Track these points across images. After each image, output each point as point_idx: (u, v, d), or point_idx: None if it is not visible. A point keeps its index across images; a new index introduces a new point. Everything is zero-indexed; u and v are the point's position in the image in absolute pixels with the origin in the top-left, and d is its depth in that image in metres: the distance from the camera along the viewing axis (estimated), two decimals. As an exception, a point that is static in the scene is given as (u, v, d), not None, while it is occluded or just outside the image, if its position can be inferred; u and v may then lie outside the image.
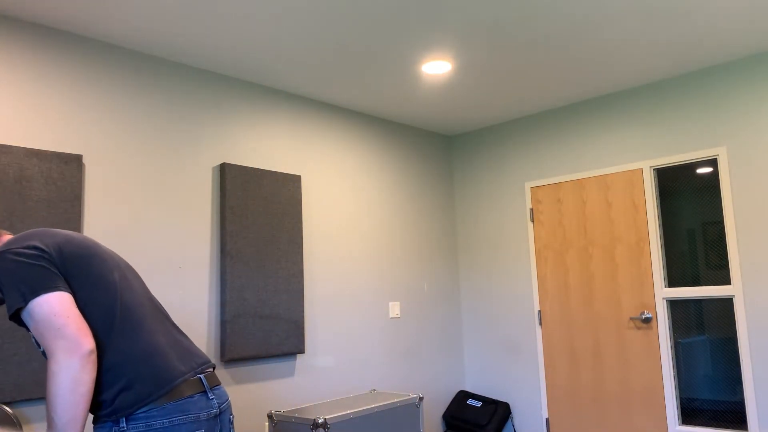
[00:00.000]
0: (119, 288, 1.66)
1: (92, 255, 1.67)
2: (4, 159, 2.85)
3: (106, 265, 1.68)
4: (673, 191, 4.20)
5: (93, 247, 1.70)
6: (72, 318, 1.51)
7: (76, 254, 1.64)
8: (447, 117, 4.90)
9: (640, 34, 3.47)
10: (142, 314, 1.67)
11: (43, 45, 3.09)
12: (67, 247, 1.64)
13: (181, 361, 1.65)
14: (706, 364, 4.01)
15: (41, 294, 1.51)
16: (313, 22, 3.18)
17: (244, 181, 3.75)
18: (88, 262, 1.64)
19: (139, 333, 1.62)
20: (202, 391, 1.63)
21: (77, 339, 1.48)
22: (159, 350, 1.62)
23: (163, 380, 1.58)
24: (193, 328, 3.49)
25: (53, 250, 1.60)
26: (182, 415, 1.58)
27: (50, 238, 1.64)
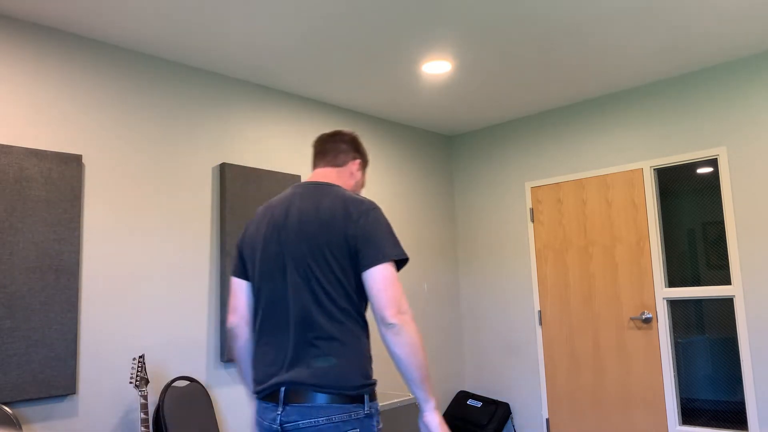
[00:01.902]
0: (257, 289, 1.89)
1: (246, 250, 1.94)
2: (4, 159, 2.85)
3: (252, 262, 1.93)
4: (673, 191, 4.20)
5: (254, 238, 1.93)
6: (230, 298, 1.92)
7: (242, 246, 1.95)
8: (447, 117, 4.90)
9: (640, 34, 3.47)
10: (266, 319, 1.86)
11: (43, 45, 3.09)
12: (241, 236, 1.98)
13: (267, 374, 1.80)
14: (706, 364, 4.01)
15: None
16: (313, 22, 3.18)
17: (244, 181, 3.75)
18: (247, 258, 1.94)
19: (257, 336, 1.90)
20: (275, 402, 1.72)
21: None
22: (257, 359, 1.88)
23: (255, 387, 1.83)
24: (193, 328, 3.49)
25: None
26: (257, 416, 1.78)
27: (251, 221, 1.97)
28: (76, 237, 3.03)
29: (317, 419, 1.65)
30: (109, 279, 3.18)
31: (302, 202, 1.80)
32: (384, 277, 1.68)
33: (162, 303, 3.37)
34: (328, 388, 1.66)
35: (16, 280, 2.82)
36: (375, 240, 1.71)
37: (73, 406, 2.99)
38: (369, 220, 1.73)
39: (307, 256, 1.72)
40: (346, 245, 1.71)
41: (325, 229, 1.73)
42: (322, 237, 1.72)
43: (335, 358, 1.68)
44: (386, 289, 1.67)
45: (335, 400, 1.66)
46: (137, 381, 2.96)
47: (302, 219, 1.76)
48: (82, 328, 3.06)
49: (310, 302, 1.71)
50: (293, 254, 1.74)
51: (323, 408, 1.65)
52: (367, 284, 1.70)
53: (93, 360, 3.08)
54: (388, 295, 1.67)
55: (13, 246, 2.83)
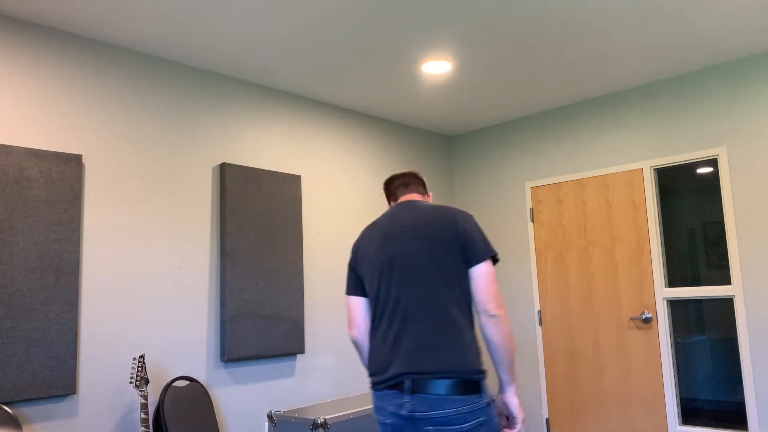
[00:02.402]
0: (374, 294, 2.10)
1: (363, 262, 2.18)
2: (4, 159, 2.85)
3: (370, 271, 2.14)
4: (673, 191, 4.20)
5: (369, 249, 2.17)
6: (348, 314, 2.16)
7: (357, 259, 2.20)
8: (447, 117, 4.90)
9: (640, 33, 3.47)
10: (386, 318, 2.06)
11: (43, 45, 3.09)
12: (355, 252, 2.24)
13: (390, 365, 1.98)
14: (706, 364, 4.01)
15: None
16: (312, 22, 3.18)
17: (244, 181, 3.75)
18: (362, 270, 2.17)
19: (375, 334, 2.11)
20: (399, 390, 1.91)
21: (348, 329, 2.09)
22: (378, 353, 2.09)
23: (376, 377, 2.01)
24: (193, 328, 3.49)
25: (352, 253, 2.22)
26: (380, 402, 1.97)
27: (359, 239, 2.21)
28: (76, 237, 3.03)
29: (446, 411, 1.83)
30: (109, 279, 3.18)
31: (408, 214, 2.07)
32: (488, 273, 1.93)
33: (162, 303, 3.38)
34: (451, 374, 1.84)
35: (16, 280, 2.82)
36: (477, 241, 1.96)
37: (73, 406, 2.99)
38: (470, 225, 1.99)
39: (424, 258, 1.96)
40: (455, 246, 1.95)
41: (437, 233, 1.98)
42: (435, 240, 1.97)
43: (456, 348, 1.88)
44: (489, 285, 1.93)
45: (458, 390, 1.84)
46: (137, 381, 2.96)
47: (414, 227, 2.02)
48: (82, 328, 3.06)
49: (430, 298, 1.92)
50: (411, 257, 1.98)
51: (448, 400, 1.83)
52: (473, 280, 1.94)
53: (93, 360, 3.08)
54: (491, 290, 1.92)
55: (13, 246, 2.83)
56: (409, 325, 1.93)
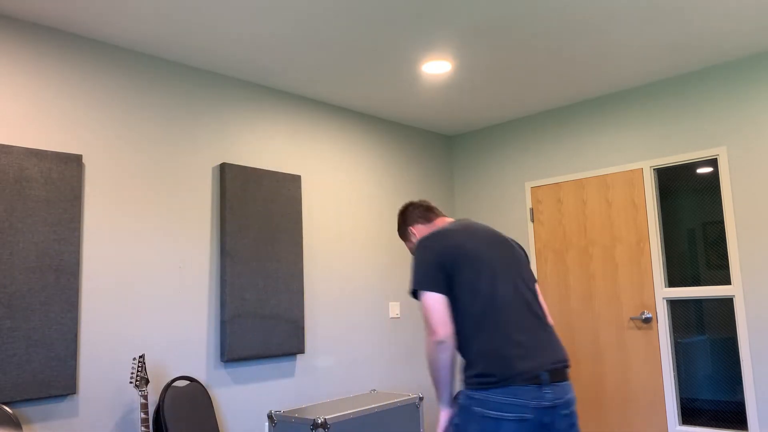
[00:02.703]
0: (486, 293, 2.05)
1: (466, 261, 2.07)
2: (4, 159, 2.85)
3: (477, 271, 2.06)
4: (673, 191, 4.20)
5: (472, 250, 2.10)
6: (437, 313, 2.03)
7: (455, 259, 2.07)
8: (447, 117, 4.90)
9: (640, 33, 3.47)
10: (504, 316, 2.04)
11: (43, 45, 3.09)
12: (450, 251, 2.09)
13: (521, 360, 1.98)
14: (706, 364, 4.01)
15: (424, 291, 2.05)
16: (313, 22, 3.18)
17: (244, 181, 3.75)
18: (460, 269, 2.06)
19: (493, 333, 2.02)
20: (537, 384, 1.96)
21: (435, 329, 2.01)
22: (504, 349, 2.01)
23: (502, 374, 1.97)
24: (193, 328, 3.49)
25: (441, 253, 2.09)
26: (513, 398, 1.95)
27: (447, 240, 2.11)
28: (76, 237, 3.03)
29: (572, 393, 2.04)
30: (109, 279, 3.18)
31: (482, 228, 2.21)
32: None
33: (162, 303, 3.38)
34: (567, 362, 2.07)
35: (16, 280, 2.82)
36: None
37: (73, 406, 2.99)
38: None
39: (520, 267, 2.14)
40: (528, 263, 2.23)
41: (514, 248, 2.20)
42: (516, 252, 2.18)
43: (559, 340, 2.12)
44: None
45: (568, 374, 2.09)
46: (137, 381, 2.97)
47: (499, 238, 2.19)
48: (82, 328, 3.06)
49: (532, 299, 2.10)
50: (512, 263, 2.13)
51: (569, 384, 2.05)
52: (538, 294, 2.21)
53: (93, 360, 3.08)
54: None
55: (13, 246, 2.83)
56: (534, 322, 2.06)
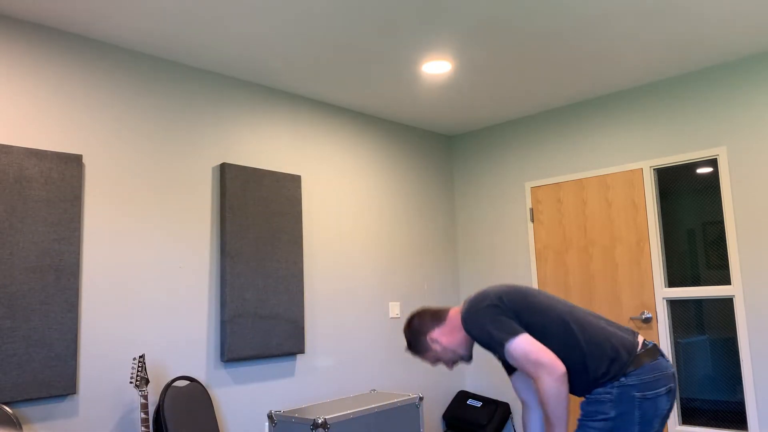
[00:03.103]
0: (556, 315, 2.18)
1: (519, 300, 2.21)
2: (4, 159, 2.85)
3: (532, 304, 2.20)
4: (673, 191, 4.20)
5: (515, 292, 2.24)
6: (542, 350, 2.09)
7: (511, 304, 2.20)
8: (447, 117, 4.90)
9: (640, 33, 3.47)
10: (581, 322, 2.18)
11: (43, 45, 3.09)
12: (502, 301, 2.20)
13: (629, 342, 2.15)
14: (706, 364, 4.01)
15: (513, 338, 2.11)
16: (313, 22, 3.18)
17: (244, 181, 3.75)
18: (520, 309, 2.19)
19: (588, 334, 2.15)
20: (660, 355, 2.14)
21: (553, 364, 2.06)
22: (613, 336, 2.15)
23: (630, 356, 2.10)
24: (193, 328, 3.49)
25: (496, 305, 2.20)
26: (659, 372, 2.09)
27: (491, 294, 2.23)
28: (76, 237, 3.03)
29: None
30: (109, 279, 3.18)
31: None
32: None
33: (162, 303, 3.38)
34: None
35: (16, 280, 2.82)
36: None
37: (73, 406, 2.99)
38: None
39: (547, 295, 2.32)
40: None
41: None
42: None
43: None
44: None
45: None
46: (137, 381, 2.97)
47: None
48: (82, 328, 3.06)
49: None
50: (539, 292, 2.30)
51: None
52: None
53: (93, 360, 3.08)
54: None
55: (13, 246, 2.83)
56: (603, 319, 2.24)
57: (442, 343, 2.31)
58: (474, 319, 2.19)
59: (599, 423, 2.07)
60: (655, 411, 2.06)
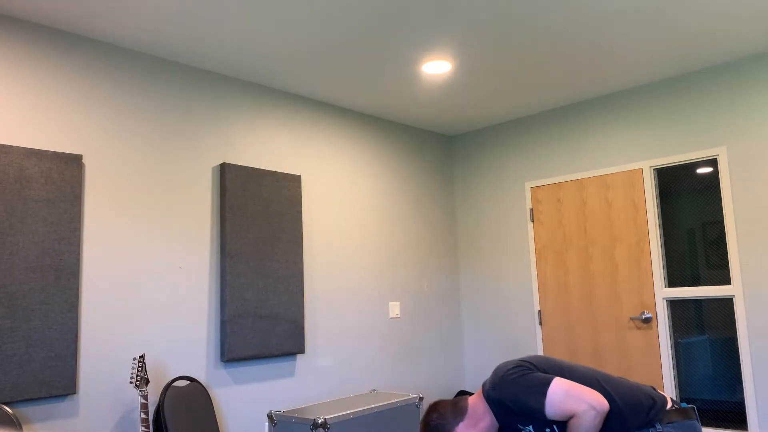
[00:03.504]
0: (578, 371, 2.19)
1: (543, 364, 2.21)
2: (4, 159, 2.85)
3: (553, 364, 2.22)
4: (673, 191, 4.20)
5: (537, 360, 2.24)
6: (580, 387, 2.06)
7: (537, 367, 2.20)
8: (447, 117, 4.90)
9: (640, 34, 3.47)
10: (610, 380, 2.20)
11: (43, 45, 3.09)
12: (529, 365, 2.20)
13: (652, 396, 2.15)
14: (706, 364, 4.01)
15: (549, 383, 2.08)
16: (313, 22, 3.18)
17: (244, 181, 3.75)
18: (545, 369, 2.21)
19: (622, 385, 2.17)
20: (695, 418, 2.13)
21: (597, 400, 2.02)
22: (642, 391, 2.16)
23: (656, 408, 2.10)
24: (193, 328, 3.49)
25: (525, 366, 2.18)
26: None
27: (519, 363, 2.20)
28: (76, 237, 3.03)
29: None
30: (109, 279, 3.18)
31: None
32: None
33: (162, 303, 3.38)
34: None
35: (16, 280, 2.82)
36: None
37: (73, 406, 2.99)
38: None
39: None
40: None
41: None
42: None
43: None
44: None
45: None
46: (137, 381, 2.97)
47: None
48: (82, 328, 3.06)
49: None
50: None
51: None
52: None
53: (93, 360, 3.08)
54: None
55: (13, 246, 2.83)
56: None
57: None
58: (503, 388, 2.12)
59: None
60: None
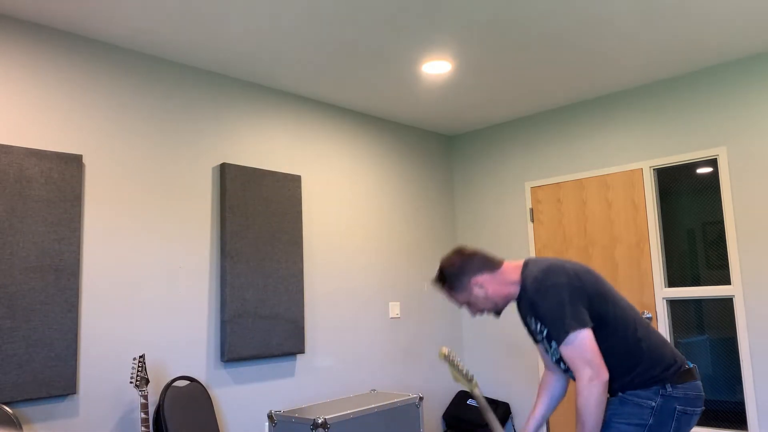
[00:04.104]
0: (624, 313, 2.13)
1: (594, 289, 2.10)
2: (4, 159, 2.85)
3: (604, 294, 2.12)
4: (673, 191, 4.20)
5: (589, 279, 2.13)
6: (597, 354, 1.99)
7: (588, 291, 2.10)
8: (447, 117, 4.90)
9: (640, 34, 3.47)
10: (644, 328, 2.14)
11: (43, 45, 3.09)
12: (579, 285, 2.10)
13: (680, 358, 2.12)
14: (706, 364, 4.01)
15: (579, 330, 2.01)
16: (313, 22, 3.18)
17: (244, 181, 3.75)
18: (595, 299, 2.09)
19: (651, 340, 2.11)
20: (698, 379, 2.12)
21: (600, 370, 1.97)
22: (667, 349, 2.12)
23: (680, 367, 2.09)
24: (193, 328, 3.49)
25: (574, 287, 2.08)
26: (699, 392, 2.08)
27: (569, 274, 2.10)
28: (76, 237, 3.03)
29: None
30: (109, 279, 3.18)
31: (575, 263, 2.27)
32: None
33: (162, 303, 3.38)
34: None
35: (16, 280, 2.82)
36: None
37: (73, 406, 2.99)
38: None
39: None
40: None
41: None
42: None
43: None
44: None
45: None
46: (137, 381, 2.97)
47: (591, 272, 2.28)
48: (82, 328, 3.06)
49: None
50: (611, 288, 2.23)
51: None
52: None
53: (93, 360, 3.08)
54: None
55: (13, 246, 2.83)
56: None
57: (487, 290, 2.19)
58: (540, 294, 2.04)
59: (633, 427, 2.01)
60: (687, 428, 2.04)
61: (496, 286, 2.20)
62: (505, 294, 2.20)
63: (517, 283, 2.18)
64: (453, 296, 2.26)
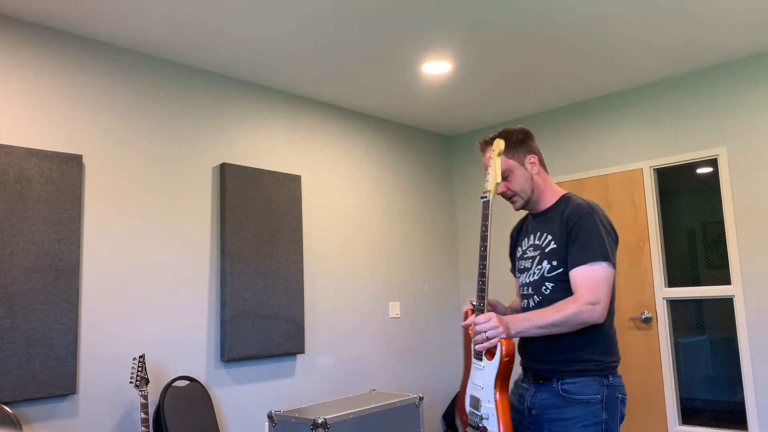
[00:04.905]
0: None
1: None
2: (4, 159, 2.85)
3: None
4: (673, 191, 4.20)
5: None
6: (609, 290, 1.97)
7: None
8: (447, 117, 4.90)
9: (640, 34, 3.47)
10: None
11: (43, 45, 3.09)
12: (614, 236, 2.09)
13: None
14: (706, 364, 4.01)
15: (608, 263, 1.98)
16: (313, 22, 3.18)
17: (244, 181, 3.75)
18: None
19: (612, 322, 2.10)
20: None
21: (604, 303, 1.93)
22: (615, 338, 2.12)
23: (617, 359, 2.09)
24: (193, 328, 3.49)
25: (612, 234, 2.07)
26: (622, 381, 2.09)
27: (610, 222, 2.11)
28: (76, 237, 3.03)
29: None
30: (109, 279, 3.18)
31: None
32: None
33: (162, 303, 3.38)
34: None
35: (16, 280, 2.82)
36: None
37: (73, 406, 2.99)
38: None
39: None
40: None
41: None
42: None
43: None
44: None
45: None
46: (137, 381, 2.97)
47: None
48: (82, 328, 3.06)
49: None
50: None
51: None
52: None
53: (93, 360, 3.08)
54: None
55: (13, 246, 2.83)
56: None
57: (534, 174, 2.14)
58: (599, 219, 2.02)
59: (593, 428, 1.96)
60: (623, 414, 2.04)
61: (540, 178, 2.18)
62: (541, 190, 2.17)
63: (555, 195, 2.17)
64: (504, 156, 2.13)
